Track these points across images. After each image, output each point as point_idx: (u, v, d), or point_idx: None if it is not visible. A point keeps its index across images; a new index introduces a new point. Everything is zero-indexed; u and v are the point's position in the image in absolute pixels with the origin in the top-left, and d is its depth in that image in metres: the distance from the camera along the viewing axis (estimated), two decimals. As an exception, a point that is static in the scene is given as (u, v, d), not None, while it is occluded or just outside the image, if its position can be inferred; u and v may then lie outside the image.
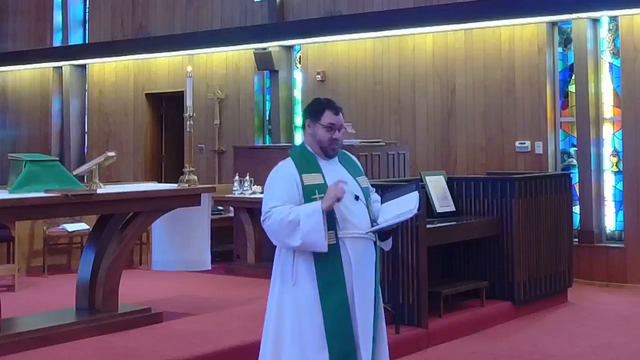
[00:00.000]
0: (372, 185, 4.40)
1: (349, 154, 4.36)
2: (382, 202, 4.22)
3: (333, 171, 4.14)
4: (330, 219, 3.97)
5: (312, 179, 4.07)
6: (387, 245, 4.31)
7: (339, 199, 3.94)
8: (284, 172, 4.12)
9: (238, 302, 7.57)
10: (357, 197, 4.08)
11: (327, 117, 4.15)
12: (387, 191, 4.33)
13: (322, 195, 3.99)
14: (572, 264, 8.62)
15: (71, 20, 14.91)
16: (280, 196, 4.05)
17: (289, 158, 4.19)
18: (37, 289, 8.49)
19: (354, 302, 4.01)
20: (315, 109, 4.21)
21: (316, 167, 4.11)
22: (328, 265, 3.97)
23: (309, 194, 4.03)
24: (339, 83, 11.64)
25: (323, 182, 4.07)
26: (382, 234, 4.18)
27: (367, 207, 4.14)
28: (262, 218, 4.07)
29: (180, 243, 7.32)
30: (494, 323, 7.38)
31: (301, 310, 4.01)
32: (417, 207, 4.05)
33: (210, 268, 7.43)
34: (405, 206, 4.07)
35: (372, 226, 4.10)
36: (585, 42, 9.72)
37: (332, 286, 3.98)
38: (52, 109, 14.86)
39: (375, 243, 4.15)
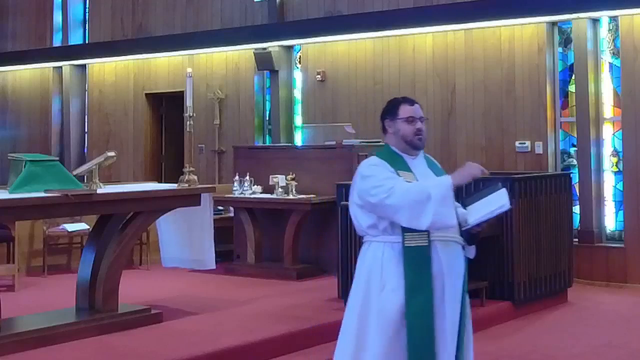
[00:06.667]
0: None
1: (432, 158, 4.26)
2: (465, 206, 4.10)
3: (422, 171, 4.05)
4: None
5: (406, 176, 3.96)
6: (471, 252, 4.12)
7: (474, 177, 3.85)
8: (376, 162, 4.01)
9: (238, 302, 7.57)
10: None
11: (404, 110, 4.07)
12: (468, 196, 4.21)
13: None
14: (572, 264, 8.62)
15: (71, 20, 14.90)
16: (389, 176, 3.91)
17: (375, 156, 4.07)
18: (37, 289, 8.49)
19: (444, 307, 3.88)
20: (390, 107, 4.13)
21: (407, 166, 4.02)
22: (417, 267, 3.84)
23: None
24: (339, 83, 11.64)
25: (416, 181, 3.97)
26: (469, 238, 4.06)
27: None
28: (383, 196, 3.84)
29: (185, 242, 7.35)
30: (494, 323, 7.38)
31: (388, 315, 3.85)
32: (508, 202, 3.97)
33: (215, 267, 7.44)
34: (495, 204, 3.98)
35: (460, 229, 4.01)
36: (585, 42, 9.72)
37: (418, 288, 3.83)
38: (52, 109, 14.85)
39: (463, 248, 4.04)
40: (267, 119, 12.54)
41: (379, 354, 3.86)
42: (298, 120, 12.19)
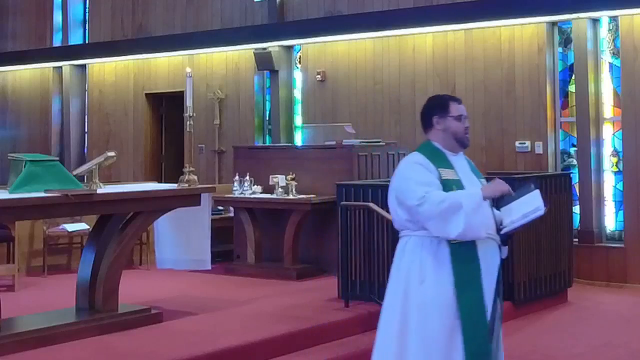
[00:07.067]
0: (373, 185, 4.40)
1: (471, 162, 4.32)
2: (499, 207, 4.14)
3: (462, 168, 4.11)
4: None
5: (448, 174, 4.00)
6: (504, 252, 4.19)
7: (502, 193, 3.91)
8: (418, 160, 4.04)
9: (238, 302, 7.57)
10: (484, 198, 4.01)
11: (455, 108, 4.15)
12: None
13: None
14: (572, 264, 8.62)
15: (71, 20, 14.90)
16: (426, 181, 3.94)
17: (417, 152, 4.10)
18: (37, 289, 8.49)
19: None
20: (439, 104, 4.17)
21: (449, 163, 4.06)
22: (466, 262, 3.91)
23: (446, 189, 3.94)
24: (339, 83, 11.64)
25: (458, 178, 4.02)
26: (504, 239, 4.12)
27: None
28: (415, 203, 3.90)
29: (181, 242, 7.34)
30: (494, 323, 7.37)
31: (428, 309, 3.90)
32: (542, 205, 4.00)
33: (210, 268, 7.44)
34: (529, 205, 4.01)
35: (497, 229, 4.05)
36: (585, 42, 9.72)
37: (469, 285, 3.91)
38: (52, 109, 14.85)
39: (499, 247, 4.09)
40: (267, 119, 12.54)
41: (421, 353, 3.88)
42: (298, 120, 12.19)
